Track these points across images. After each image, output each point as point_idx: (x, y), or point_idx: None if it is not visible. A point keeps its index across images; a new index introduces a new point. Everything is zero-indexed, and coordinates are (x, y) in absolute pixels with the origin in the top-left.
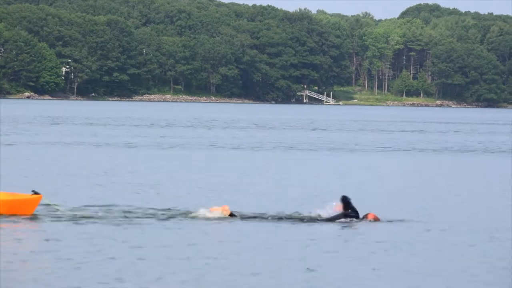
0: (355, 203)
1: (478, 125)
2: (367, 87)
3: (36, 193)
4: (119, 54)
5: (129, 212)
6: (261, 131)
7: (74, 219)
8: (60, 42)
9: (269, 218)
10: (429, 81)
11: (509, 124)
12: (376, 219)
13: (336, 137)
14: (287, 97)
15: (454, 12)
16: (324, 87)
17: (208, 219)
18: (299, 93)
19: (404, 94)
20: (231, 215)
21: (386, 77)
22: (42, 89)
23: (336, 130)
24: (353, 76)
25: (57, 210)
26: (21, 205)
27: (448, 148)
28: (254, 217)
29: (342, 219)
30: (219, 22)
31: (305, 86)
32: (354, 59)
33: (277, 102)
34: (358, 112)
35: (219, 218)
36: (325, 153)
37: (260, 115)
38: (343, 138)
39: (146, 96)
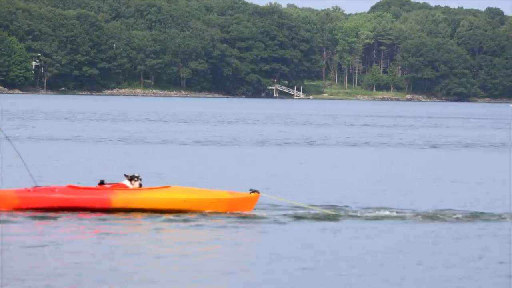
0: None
1: (447, 119)
2: (337, 81)
3: (254, 191)
4: (89, 48)
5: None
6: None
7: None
8: (30, 36)
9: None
10: (399, 75)
11: (479, 118)
12: None
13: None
14: (257, 91)
15: (424, 6)
16: (294, 81)
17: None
18: (269, 88)
19: (374, 88)
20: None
21: (356, 71)
22: (12, 83)
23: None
24: (323, 70)
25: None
26: (242, 204)
27: (415, 142)
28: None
29: None
30: (189, 16)
31: (275, 80)
32: (324, 53)
33: (247, 96)
34: (331, 106)
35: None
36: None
37: (248, 110)
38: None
39: (116, 91)
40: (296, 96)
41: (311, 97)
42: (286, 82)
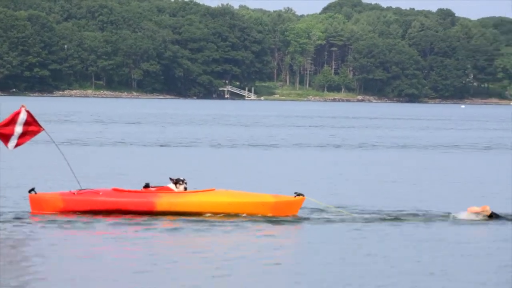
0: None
1: (396, 120)
2: (289, 82)
3: (299, 194)
4: (40, 50)
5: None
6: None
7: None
8: None
9: None
10: (350, 76)
11: (428, 119)
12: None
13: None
14: (209, 92)
15: (376, 7)
16: (245, 83)
17: (471, 220)
18: (221, 89)
19: (325, 89)
20: (492, 216)
21: (308, 72)
22: None
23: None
24: (275, 71)
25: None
26: (286, 207)
27: (364, 143)
28: None
29: None
30: (141, 18)
31: (227, 81)
32: (276, 54)
33: (198, 97)
34: (282, 107)
35: (481, 220)
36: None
37: (199, 111)
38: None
39: (67, 92)
40: (248, 97)
41: (262, 98)
42: (238, 83)
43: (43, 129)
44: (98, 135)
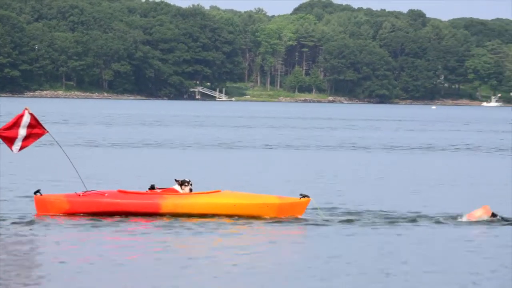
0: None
1: (358, 121)
2: (260, 83)
3: (304, 196)
4: (11, 50)
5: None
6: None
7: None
8: None
9: None
10: (321, 77)
11: (396, 120)
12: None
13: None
14: (180, 93)
15: (347, 8)
16: (216, 83)
17: (472, 221)
18: (191, 89)
19: (296, 90)
20: (493, 215)
21: (279, 73)
22: None
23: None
24: (246, 72)
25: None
26: (291, 209)
27: (335, 144)
28: None
29: None
30: (112, 18)
31: (198, 82)
32: (247, 55)
33: (169, 98)
34: (253, 108)
35: (482, 220)
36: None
37: (168, 112)
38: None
39: (38, 92)
40: (219, 98)
41: (233, 99)
42: (209, 84)
43: (47, 132)
44: (80, 136)
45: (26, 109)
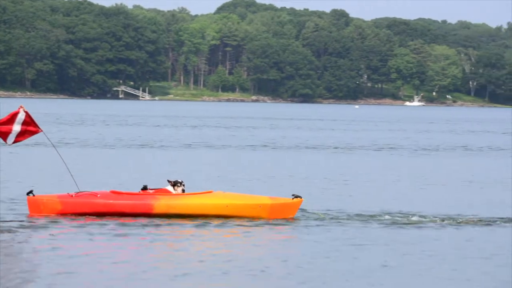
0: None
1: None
2: (183, 82)
3: (297, 196)
4: None
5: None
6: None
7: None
8: None
9: None
10: (244, 76)
11: (318, 119)
12: None
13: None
14: (103, 92)
15: (270, 8)
16: (140, 82)
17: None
18: (115, 89)
19: (220, 89)
20: None
21: (202, 72)
22: None
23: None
24: (169, 71)
25: (315, 214)
26: (283, 209)
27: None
28: None
29: None
30: (35, 17)
31: (121, 81)
32: (170, 54)
33: (92, 97)
34: (175, 107)
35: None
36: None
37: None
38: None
39: None
40: (142, 97)
41: (156, 98)
42: (132, 83)
43: (41, 130)
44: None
45: (21, 106)
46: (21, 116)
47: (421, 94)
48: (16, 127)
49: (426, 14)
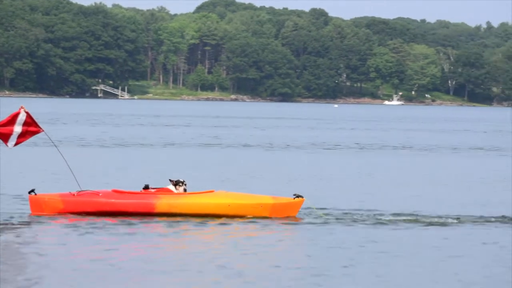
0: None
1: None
2: (162, 81)
3: (298, 196)
4: None
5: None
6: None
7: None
8: None
9: None
10: (224, 75)
11: (292, 118)
12: None
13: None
14: (82, 91)
15: (249, 7)
16: (119, 82)
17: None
18: (94, 88)
19: (199, 88)
20: None
21: (181, 71)
22: None
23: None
24: (148, 70)
25: (317, 213)
26: (285, 209)
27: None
28: None
29: None
30: (14, 16)
31: (100, 80)
32: (150, 53)
33: (71, 96)
34: (155, 106)
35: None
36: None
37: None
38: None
39: None
40: (121, 96)
41: (135, 97)
42: (111, 82)
43: (43, 130)
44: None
45: (22, 107)
46: (22, 117)
47: (400, 93)
48: (17, 128)
49: (405, 14)
